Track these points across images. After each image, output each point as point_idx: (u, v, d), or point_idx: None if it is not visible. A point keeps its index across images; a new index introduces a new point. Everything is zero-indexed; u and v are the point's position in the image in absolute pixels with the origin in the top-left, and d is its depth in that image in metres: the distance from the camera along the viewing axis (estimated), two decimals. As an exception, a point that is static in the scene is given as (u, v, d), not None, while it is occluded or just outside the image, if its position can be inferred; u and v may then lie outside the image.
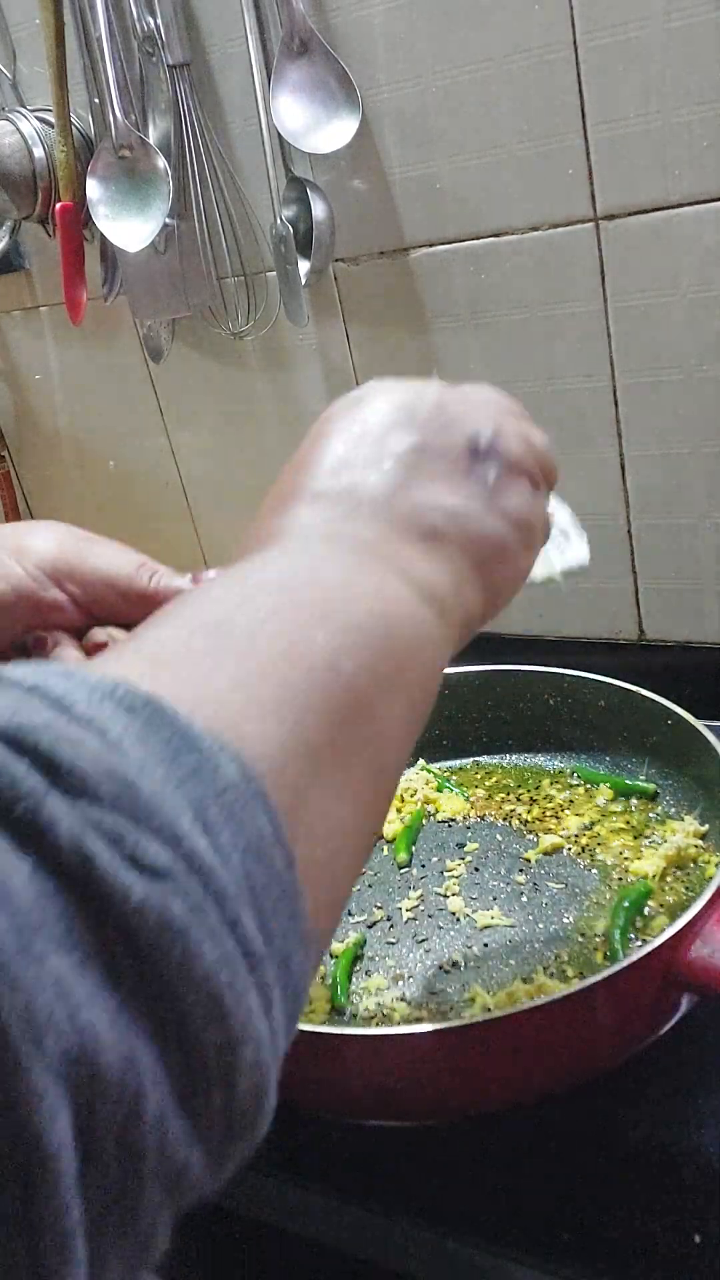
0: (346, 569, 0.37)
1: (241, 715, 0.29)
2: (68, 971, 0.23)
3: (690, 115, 0.74)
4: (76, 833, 0.24)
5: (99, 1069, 0.23)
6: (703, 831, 0.74)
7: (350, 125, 0.84)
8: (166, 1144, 0.25)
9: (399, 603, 0.36)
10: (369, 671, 0.33)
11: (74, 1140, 0.23)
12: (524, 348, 0.88)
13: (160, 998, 0.24)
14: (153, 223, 0.92)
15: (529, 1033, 0.55)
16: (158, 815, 0.25)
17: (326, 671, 0.32)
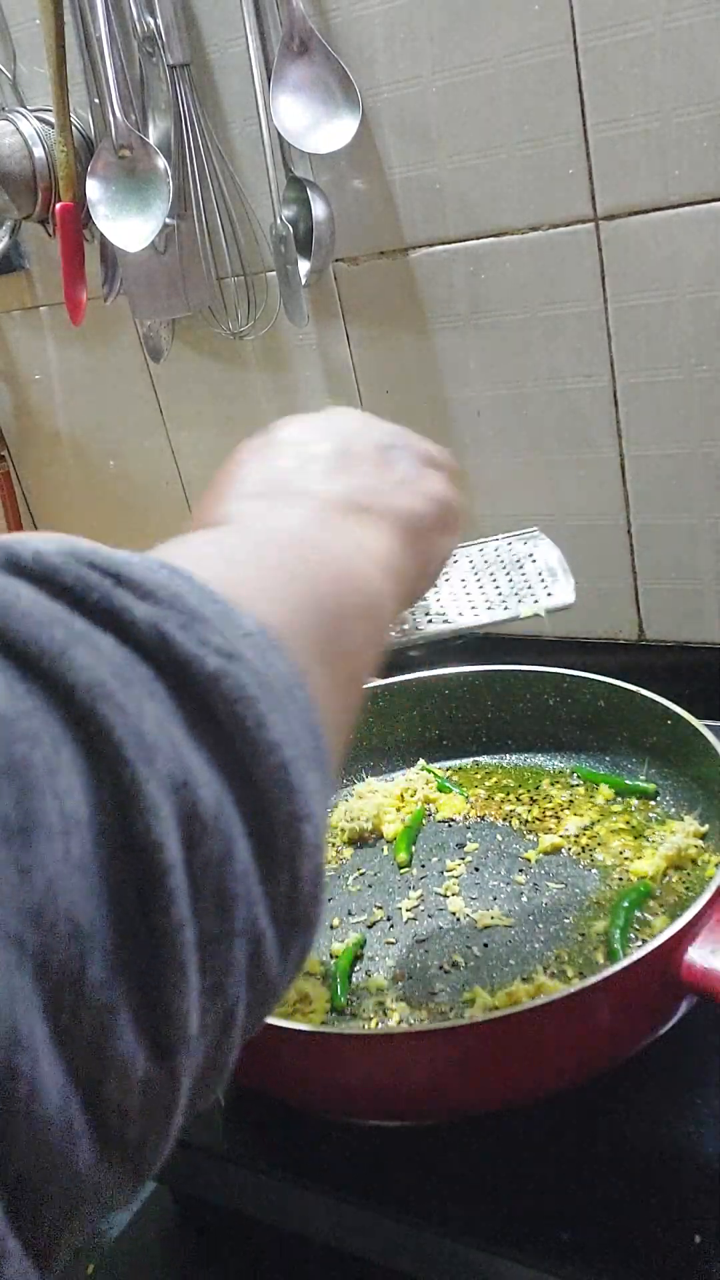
0: (306, 528, 0.41)
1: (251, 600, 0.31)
2: (164, 715, 0.25)
3: (690, 115, 0.74)
4: (151, 616, 0.26)
5: (199, 804, 0.25)
6: (703, 831, 0.74)
7: (350, 125, 0.84)
8: (252, 902, 0.26)
9: (350, 555, 0.40)
10: (338, 595, 0.37)
11: (184, 865, 0.24)
12: (524, 348, 0.88)
13: (239, 760, 0.26)
14: (153, 223, 0.92)
15: (529, 1033, 0.55)
16: (210, 620, 0.27)
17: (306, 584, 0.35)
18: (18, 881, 0.21)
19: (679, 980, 0.56)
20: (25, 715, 0.23)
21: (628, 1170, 0.58)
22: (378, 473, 0.46)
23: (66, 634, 0.24)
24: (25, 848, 0.22)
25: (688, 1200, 0.55)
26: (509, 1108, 0.60)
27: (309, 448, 0.46)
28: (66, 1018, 0.22)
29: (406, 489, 0.46)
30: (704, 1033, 0.63)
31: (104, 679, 0.24)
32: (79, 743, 0.23)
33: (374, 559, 0.41)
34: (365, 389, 0.97)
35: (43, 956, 0.22)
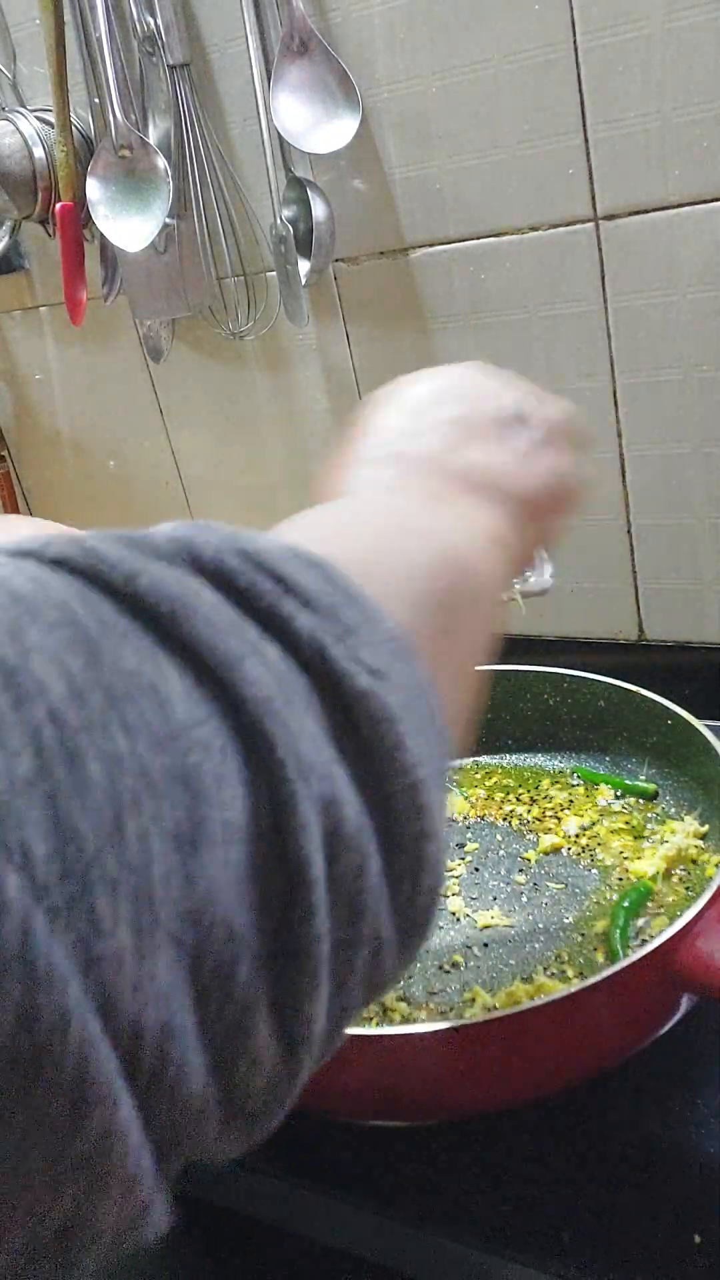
0: (418, 508, 0.41)
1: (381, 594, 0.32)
2: (319, 733, 0.27)
3: (690, 115, 0.74)
4: (311, 628, 0.28)
5: (342, 822, 0.26)
6: (703, 831, 0.74)
7: (350, 125, 0.84)
8: (378, 913, 0.28)
9: (467, 539, 0.40)
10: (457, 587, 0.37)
11: (325, 880, 0.26)
12: (524, 348, 0.88)
13: (378, 779, 0.28)
14: (153, 223, 0.92)
15: (529, 1033, 0.55)
16: (360, 631, 0.29)
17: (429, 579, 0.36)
18: (183, 887, 0.23)
19: (679, 980, 0.56)
20: (200, 723, 0.25)
21: (628, 1170, 0.58)
22: (498, 446, 0.46)
23: (241, 644, 0.26)
24: (192, 855, 0.23)
25: (688, 1200, 0.55)
26: (509, 1108, 0.60)
27: (434, 411, 0.46)
28: (213, 1012, 0.24)
29: (525, 467, 0.46)
30: (704, 1033, 0.63)
31: (271, 695, 0.26)
32: (244, 755, 0.25)
33: (490, 541, 0.42)
34: (365, 389, 0.97)
35: (198, 956, 0.23)
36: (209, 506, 1.14)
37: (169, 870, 0.23)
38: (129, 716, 0.24)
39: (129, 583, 0.26)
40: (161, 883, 0.23)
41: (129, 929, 0.22)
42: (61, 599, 0.25)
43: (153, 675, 0.25)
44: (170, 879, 0.23)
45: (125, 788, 0.23)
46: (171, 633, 0.26)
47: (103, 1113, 0.22)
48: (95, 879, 0.22)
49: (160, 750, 0.24)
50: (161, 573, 0.26)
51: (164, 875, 0.23)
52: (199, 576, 0.27)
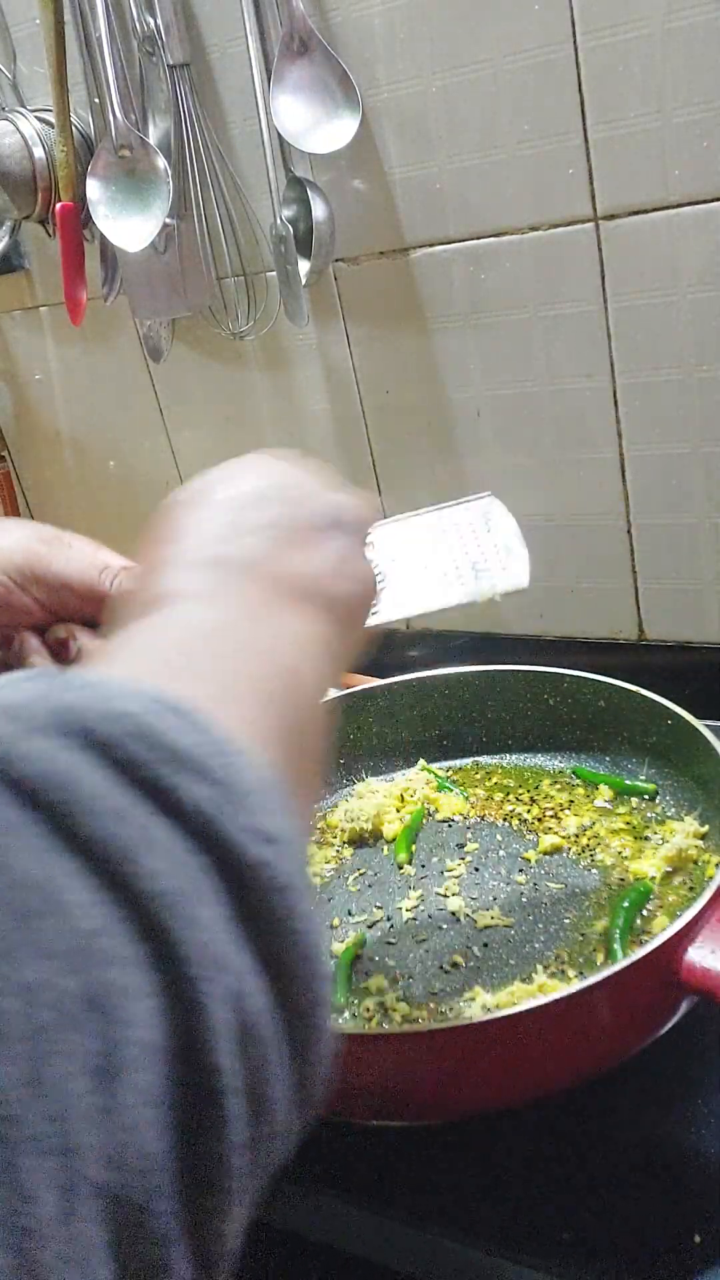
0: (250, 623, 0.41)
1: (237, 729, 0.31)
2: (219, 920, 0.26)
3: (690, 115, 0.74)
4: (196, 799, 0.27)
5: (249, 1014, 0.26)
6: (703, 832, 0.74)
7: (350, 125, 0.84)
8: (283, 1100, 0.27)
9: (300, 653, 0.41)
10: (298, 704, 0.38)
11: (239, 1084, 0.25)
12: (524, 348, 0.88)
13: (277, 954, 0.27)
14: (153, 223, 0.92)
15: (529, 1033, 0.55)
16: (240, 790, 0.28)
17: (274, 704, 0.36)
18: (103, 1126, 0.22)
19: (679, 980, 0.56)
20: (104, 932, 0.24)
21: (628, 1170, 0.58)
22: (317, 553, 0.45)
23: (133, 832, 0.25)
24: (109, 1088, 0.22)
25: (688, 1200, 0.55)
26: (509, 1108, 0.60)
27: (252, 514, 0.45)
28: (131, 1257, 0.23)
29: (343, 574, 0.46)
30: (704, 1033, 0.63)
31: (170, 889, 0.25)
32: (151, 959, 0.24)
33: (320, 651, 0.42)
34: (365, 389, 0.97)
35: (118, 1198, 0.22)
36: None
37: (88, 1111, 0.22)
38: (38, 937, 0.23)
39: (13, 767, 0.25)
40: (83, 1128, 0.22)
41: (55, 1190, 0.21)
42: None
43: (51, 882, 0.24)
44: (90, 1121, 0.22)
45: (41, 1024, 0.22)
46: (65, 826, 0.25)
47: None
48: (17, 1139, 0.21)
49: (71, 972, 0.23)
50: (46, 753, 0.26)
51: (84, 1119, 0.22)
52: (82, 751, 0.26)
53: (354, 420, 0.99)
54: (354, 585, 0.47)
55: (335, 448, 1.01)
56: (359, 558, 0.48)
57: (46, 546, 0.55)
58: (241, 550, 0.44)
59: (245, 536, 0.44)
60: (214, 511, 0.46)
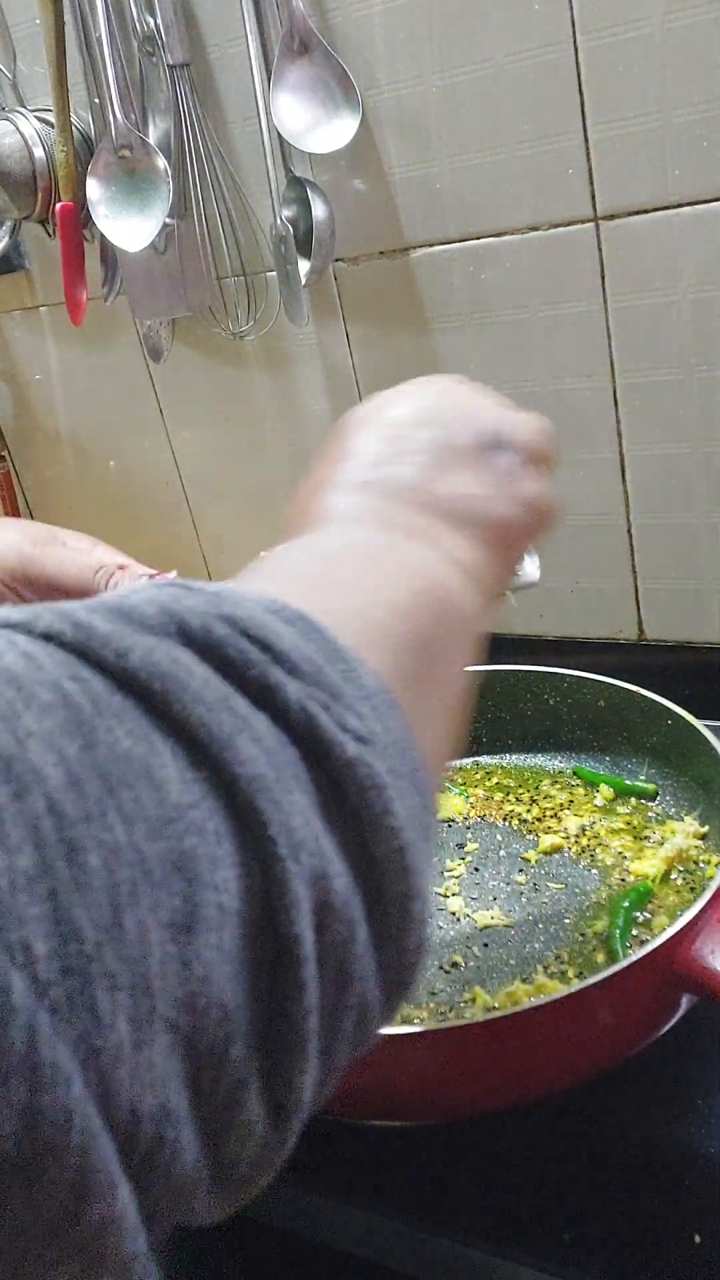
0: (398, 544, 0.41)
1: (361, 643, 0.32)
2: (308, 806, 0.27)
3: (690, 115, 0.74)
4: (300, 696, 0.28)
5: (332, 894, 0.27)
6: (703, 832, 0.74)
7: (350, 125, 0.84)
8: (365, 978, 0.28)
9: (446, 575, 0.40)
10: (439, 626, 0.38)
11: (314, 955, 0.26)
12: (524, 348, 0.88)
13: (365, 846, 0.28)
14: (153, 223, 0.92)
15: (529, 1033, 0.55)
16: (345, 695, 0.29)
17: (412, 621, 0.36)
18: (179, 974, 0.24)
19: (679, 980, 0.56)
20: (194, 805, 0.25)
21: (628, 1170, 0.58)
22: (476, 473, 0.45)
23: (232, 720, 0.26)
24: (187, 942, 0.24)
25: (688, 1200, 0.55)
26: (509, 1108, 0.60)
27: (414, 435, 0.46)
28: (206, 1090, 0.25)
29: (502, 494, 0.45)
30: (704, 1033, 0.63)
31: (262, 773, 0.26)
32: (238, 836, 0.25)
33: (468, 576, 0.41)
34: (365, 389, 0.97)
35: (193, 1039, 0.24)
36: (209, 506, 1.14)
37: (165, 959, 0.23)
38: (126, 804, 0.24)
39: (121, 659, 0.26)
40: (158, 972, 0.23)
41: (127, 1020, 0.22)
42: (55, 678, 0.25)
43: (147, 757, 0.25)
44: (166, 967, 0.23)
45: (124, 879, 0.23)
46: (164, 711, 0.26)
47: (103, 1203, 0.22)
48: (95, 974, 0.22)
49: (156, 837, 0.24)
50: (152, 647, 0.27)
51: (160, 964, 0.23)
52: (188, 648, 0.27)
53: (354, 420, 0.99)
54: (515, 507, 0.46)
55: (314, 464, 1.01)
56: (524, 477, 0.47)
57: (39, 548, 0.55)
58: (399, 473, 0.44)
59: (405, 459, 0.44)
60: (378, 433, 0.46)
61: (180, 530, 1.16)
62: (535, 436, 0.49)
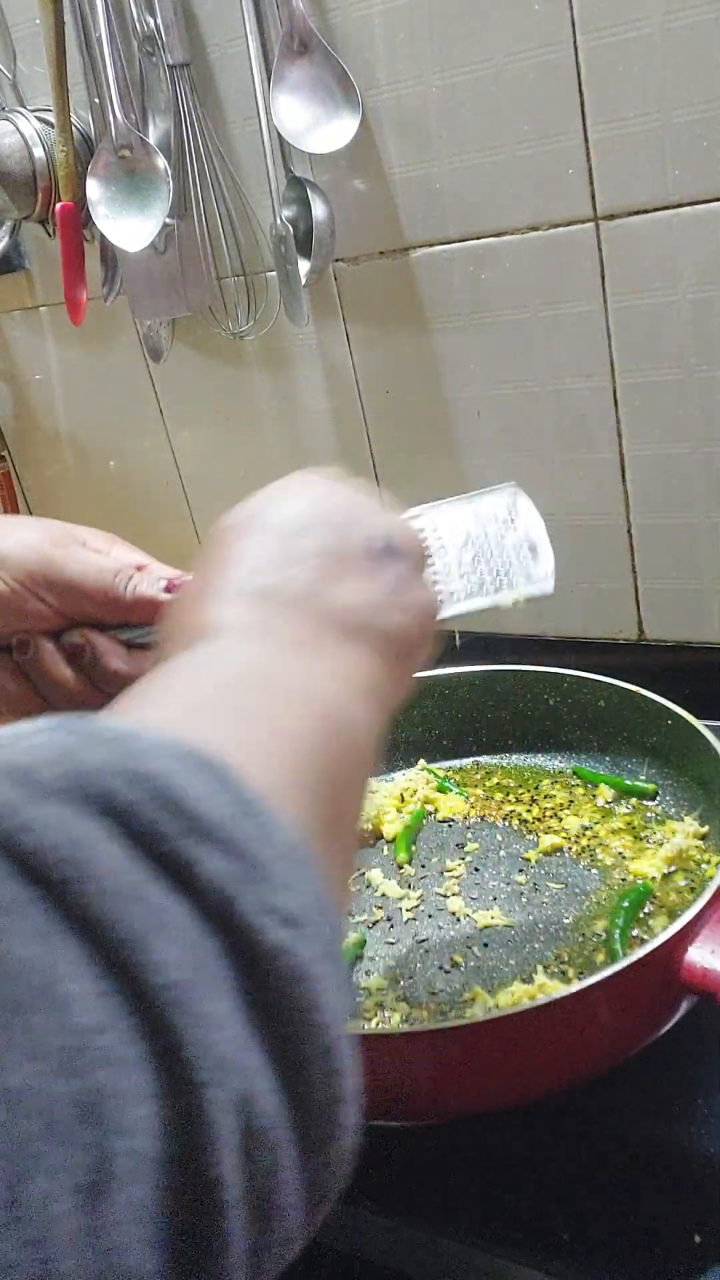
0: (292, 663, 0.39)
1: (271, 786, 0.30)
2: (231, 1014, 0.24)
3: (690, 115, 0.74)
4: (218, 875, 0.25)
5: (257, 1118, 0.24)
6: (703, 832, 0.74)
7: (350, 125, 0.84)
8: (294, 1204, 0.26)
9: (344, 696, 0.39)
10: (340, 754, 0.36)
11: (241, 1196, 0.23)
12: (524, 348, 0.88)
13: (293, 1051, 0.25)
14: (153, 223, 0.92)
15: (529, 1033, 0.55)
16: (264, 865, 0.27)
17: (318, 756, 0.34)
18: (89, 1247, 0.21)
19: (679, 980, 0.56)
20: (103, 1029, 0.22)
21: (628, 1170, 0.58)
22: (369, 582, 0.43)
23: (145, 916, 0.24)
24: (98, 1208, 0.21)
25: (688, 1200, 0.55)
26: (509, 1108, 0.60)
27: (303, 540, 0.43)
28: None
29: (396, 604, 0.43)
30: (704, 1033, 0.63)
31: (179, 979, 0.24)
32: (153, 1060, 0.23)
33: (366, 692, 0.40)
34: (365, 389, 0.97)
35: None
36: (209, 506, 1.14)
37: (72, 1233, 0.20)
38: (26, 1034, 0.21)
39: (16, 839, 0.24)
40: (65, 1251, 0.20)
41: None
42: None
43: (49, 967, 0.22)
44: (75, 1242, 0.20)
45: (25, 1136, 0.20)
46: (68, 905, 0.23)
47: None
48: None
49: (62, 1074, 0.21)
50: (52, 823, 0.24)
51: (67, 1241, 0.20)
52: (93, 818, 0.25)
53: (354, 420, 0.99)
54: (407, 617, 0.44)
55: (335, 448, 1.01)
56: (415, 586, 0.45)
57: (60, 550, 0.53)
58: (288, 581, 0.42)
59: (292, 566, 0.42)
60: (262, 538, 0.44)
61: (180, 530, 1.16)
62: (413, 537, 0.48)
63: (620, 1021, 0.58)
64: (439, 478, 0.97)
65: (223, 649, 0.39)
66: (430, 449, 0.96)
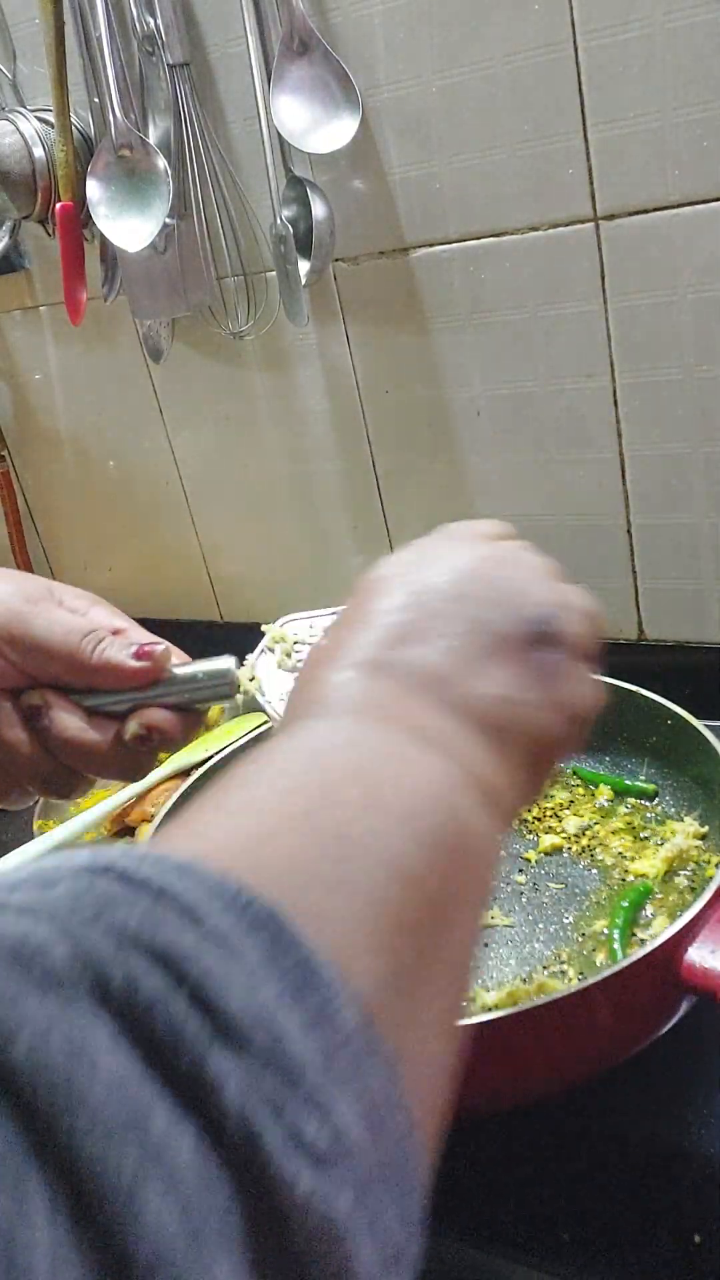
0: (408, 758, 0.34)
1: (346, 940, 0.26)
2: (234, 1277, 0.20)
3: (690, 115, 0.74)
4: (242, 1100, 0.21)
5: None
6: (703, 832, 0.74)
7: (350, 125, 0.84)
8: None
9: (465, 805, 0.33)
10: (448, 884, 0.31)
11: None
12: (524, 348, 0.88)
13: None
14: (153, 223, 0.92)
15: (529, 1032, 0.55)
16: (307, 1075, 0.23)
17: (414, 888, 0.29)
18: None
19: (679, 980, 0.56)
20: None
21: (628, 1170, 0.58)
22: (517, 670, 0.37)
23: (137, 1160, 0.20)
24: None
25: (688, 1200, 0.55)
26: (509, 1108, 0.60)
27: (451, 608, 0.38)
28: None
29: (546, 700, 0.38)
30: (704, 1033, 0.63)
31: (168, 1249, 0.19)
32: None
33: (490, 799, 0.34)
34: (365, 389, 0.97)
35: None
36: (209, 506, 1.14)
37: None
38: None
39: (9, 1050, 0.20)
40: None
41: None
42: None
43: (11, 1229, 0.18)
44: None
45: None
46: (51, 1138, 0.19)
47: None
48: None
49: None
50: (47, 1027, 0.20)
51: None
52: (103, 1016, 0.21)
53: (354, 420, 0.99)
54: (557, 717, 0.38)
55: (335, 448, 1.01)
56: (572, 680, 0.39)
57: (31, 606, 0.50)
58: (425, 656, 0.37)
59: (434, 638, 0.37)
60: (404, 599, 0.39)
61: (180, 530, 1.17)
62: (590, 626, 0.41)
63: (620, 1021, 0.58)
64: (439, 478, 0.97)
65: (326, 736, 0.34)
66: (430, 449, 0.96)
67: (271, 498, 1.07)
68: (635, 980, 0.55)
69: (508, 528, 0.45)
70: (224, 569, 1.17)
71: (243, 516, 1.11)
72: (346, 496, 1.03)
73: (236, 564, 1.16)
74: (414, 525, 1.01)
